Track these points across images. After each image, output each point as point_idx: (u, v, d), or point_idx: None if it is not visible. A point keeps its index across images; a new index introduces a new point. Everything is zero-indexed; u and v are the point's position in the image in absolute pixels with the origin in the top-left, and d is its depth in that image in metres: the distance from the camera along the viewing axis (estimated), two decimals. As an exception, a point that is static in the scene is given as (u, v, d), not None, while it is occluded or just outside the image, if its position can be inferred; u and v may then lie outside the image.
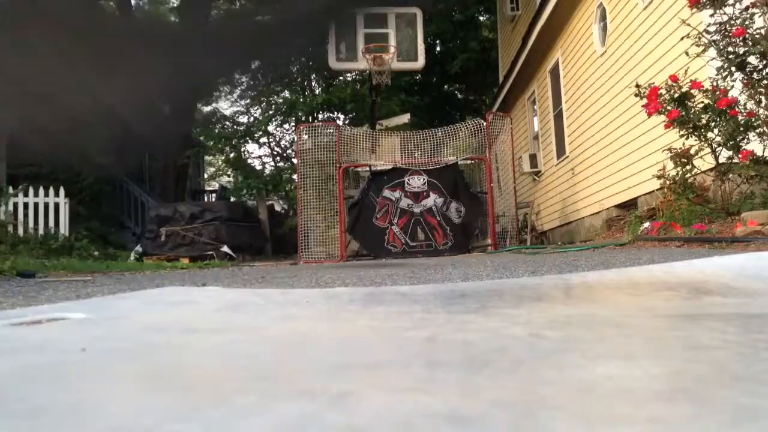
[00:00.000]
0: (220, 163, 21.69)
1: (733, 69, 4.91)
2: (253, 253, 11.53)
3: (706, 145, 5.19)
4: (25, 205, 10.34)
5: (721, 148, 5.12)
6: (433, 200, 9.61)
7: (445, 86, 23.02)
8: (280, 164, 18.62)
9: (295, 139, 13.21)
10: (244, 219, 11.88)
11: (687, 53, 5.27)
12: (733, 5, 4.90)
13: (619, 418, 0.41)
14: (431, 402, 0.45)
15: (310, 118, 16.86)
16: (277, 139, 20.05)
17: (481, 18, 22.01)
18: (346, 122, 17.57)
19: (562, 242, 10.46)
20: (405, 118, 14.27)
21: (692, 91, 5.24)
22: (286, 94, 20.29)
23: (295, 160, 13.64)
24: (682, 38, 5.51)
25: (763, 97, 4.80)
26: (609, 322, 0.87)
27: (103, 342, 0.86)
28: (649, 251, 4.42)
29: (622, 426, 0.39)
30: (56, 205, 10.56)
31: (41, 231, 10.17)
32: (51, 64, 11.02)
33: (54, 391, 0.54)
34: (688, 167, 5.36)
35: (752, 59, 4.84)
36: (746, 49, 4.82)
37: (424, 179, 9.62)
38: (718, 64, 5.01)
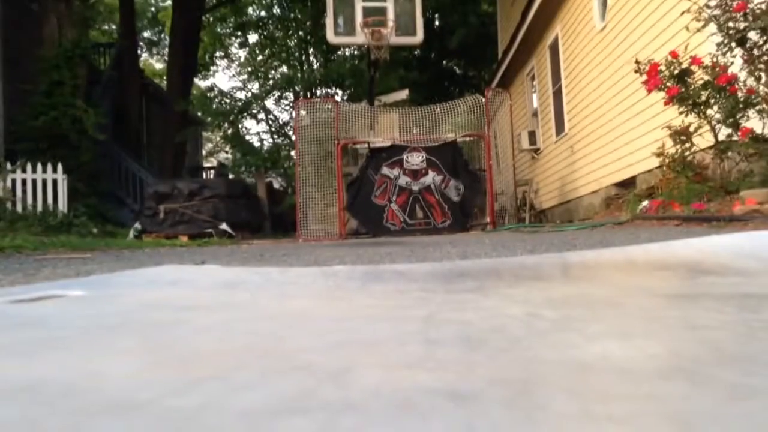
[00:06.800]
0: (218, 139, 21.60)
1: (733, 45, 4.87)
2: (251, 231, 11.54)
3: (705, 122, 5.17)
4: (23, 182, 10.31)
5: (720, 125, 5.09)
6: (431, 178, 9.60)
7: (444, 61, 22.85)
8: (279, 141, 18.54)
9: (293, 115, 13.14)
10: (242, 196, 11.87)
11: (687, 28, 5.22)
12: (736, -20, 4.84)
13: (615, 395, 0.41)
14: (428, 378, 0.46)
15: (308, 93, 16.76)
16: (275, 115, 19.95)
17: (481, -8, 21.78)
18: (345, 98, 17.47)
19: (560, 221, 10.48)
20: (403, 94, 14.18)
21: (692, 67, 5.21)
22: (284, 69, 20.14)
23: (293, 137, 13.60)
24: (682, 13, 5.45)
25: (763, 74, 4.77)
26: (606, 302, 0.87)
27: (102, 319, 0.86)
28: (648, 230, 4.43)
29: (618, 403, 0.39)
30: (54, 182, 10.52)
31: (39, 208, 10.15)
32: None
33: (52, 366, 0.54)
34: (687, 145, 5.34)
35: (752, 35, 4.80)
36: (747, 24, 4.77)
37: (422, 157, 9.59)
38: (719, 39, 4.97)
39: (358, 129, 10.08)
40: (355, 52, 17.92)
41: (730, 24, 4.85)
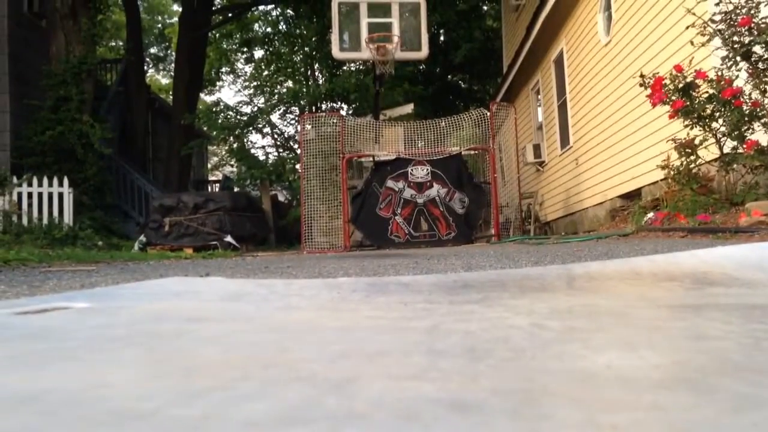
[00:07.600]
0: (223, 153, 21.71)
1: (738, 59, 4.87)
2: (256, 243, 11.54)
3: (710, 135, 5.17)
4: (30, 195, 10.36)
5: (725, 138, 5.09)
6: (436, 190, 9.61)
7: (449, 76, 22.94)
8: (284, 154, 18.61)
9: (299, 129, 13.21)
10: (247, 209, 11.89)
11: (692, 42, 5.23)
12: (739, -6, 4.86)
13: (618, 405, 0.41)
14: (432, 389, 0.45)
15: (314, 108, 16.83)
16: (281, 129, 20.04)
17: (485, 7, 21.90)
18: (350, 112, 17.53)
19: (565, 233, 10.46)
20: (408, 108, 14.23)
21: (697, 80, 5.21)
22: (290, 83, 20.26)
23: (298, 150, 13.64)
24: (687, 27, 5.47)
25: (768, 87, 4.77)
26: (611, 313, 0.87)
27: (106, 330, 0.86)
28: (653, 241, 4.41)
29: (621, 413, 0.39)
30: (60, 195, 10.58)
31: (45, 221, 10.19)
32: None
33: (57, 376, 0.54)
34: (692, 157, 5.33)
35: (758, 49, 4.81)
36: (752, 38, 4.78)
37: (427, 169, 9.60)
38: (723, 53, 4.98)
39: (363, 143, 10.11)
40: (361, 67, 18.00)
41: (735, 38, 4.87)
